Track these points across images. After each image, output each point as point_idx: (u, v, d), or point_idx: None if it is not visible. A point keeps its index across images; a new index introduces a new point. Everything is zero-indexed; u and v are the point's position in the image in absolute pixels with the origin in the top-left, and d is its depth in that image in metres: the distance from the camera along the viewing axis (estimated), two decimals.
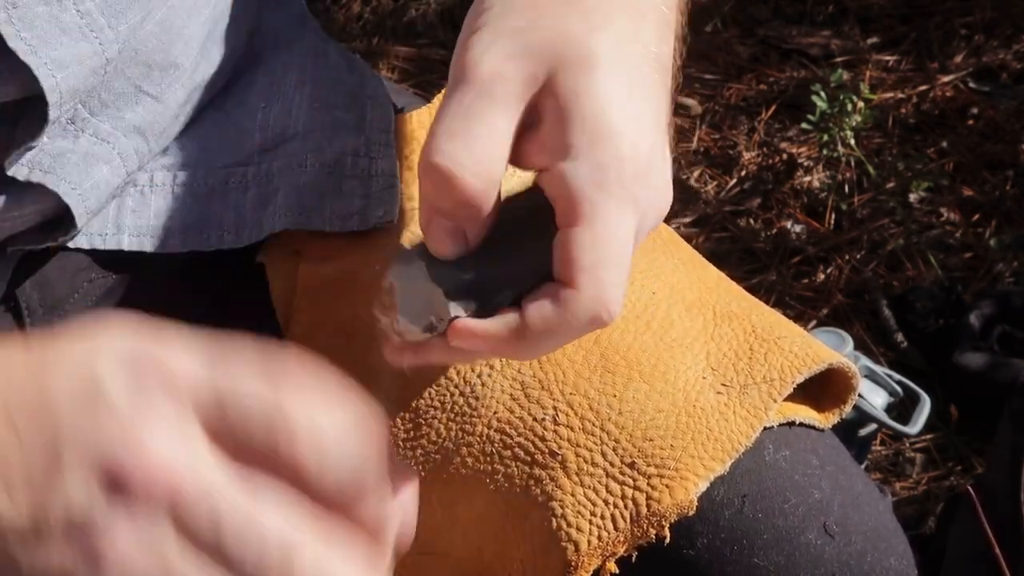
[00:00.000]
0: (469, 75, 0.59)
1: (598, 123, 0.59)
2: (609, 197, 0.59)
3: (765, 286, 1.87)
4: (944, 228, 1.92)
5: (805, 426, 0.74)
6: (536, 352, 0.63)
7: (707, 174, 2.06)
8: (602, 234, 0.59)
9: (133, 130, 0.78)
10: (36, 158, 0.74)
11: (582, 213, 0.58)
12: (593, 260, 0.58)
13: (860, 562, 0.71)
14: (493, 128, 0.59)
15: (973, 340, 1.68)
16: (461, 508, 0.72)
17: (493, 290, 0.62)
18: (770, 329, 0.75)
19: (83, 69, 0.72)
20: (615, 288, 0.59)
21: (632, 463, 0.69)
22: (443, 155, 0.58)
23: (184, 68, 0.80)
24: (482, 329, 0.60)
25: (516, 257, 0.62)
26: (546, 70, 0.59)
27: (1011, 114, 2.07)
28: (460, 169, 0.58)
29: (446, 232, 0.61)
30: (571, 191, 0.59)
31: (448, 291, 0.61)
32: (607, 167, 0.59)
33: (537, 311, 0.59)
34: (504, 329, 0.60)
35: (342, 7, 2.38)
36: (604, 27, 0.61)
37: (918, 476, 1.66)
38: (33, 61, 0.69)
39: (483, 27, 0.61)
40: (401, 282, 0.63)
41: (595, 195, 0.58)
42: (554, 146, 0.59)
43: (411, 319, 0.62)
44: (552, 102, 0.59)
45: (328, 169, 0.83)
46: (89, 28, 0.72)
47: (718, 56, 2.23)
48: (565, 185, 0.59)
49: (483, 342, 0.61)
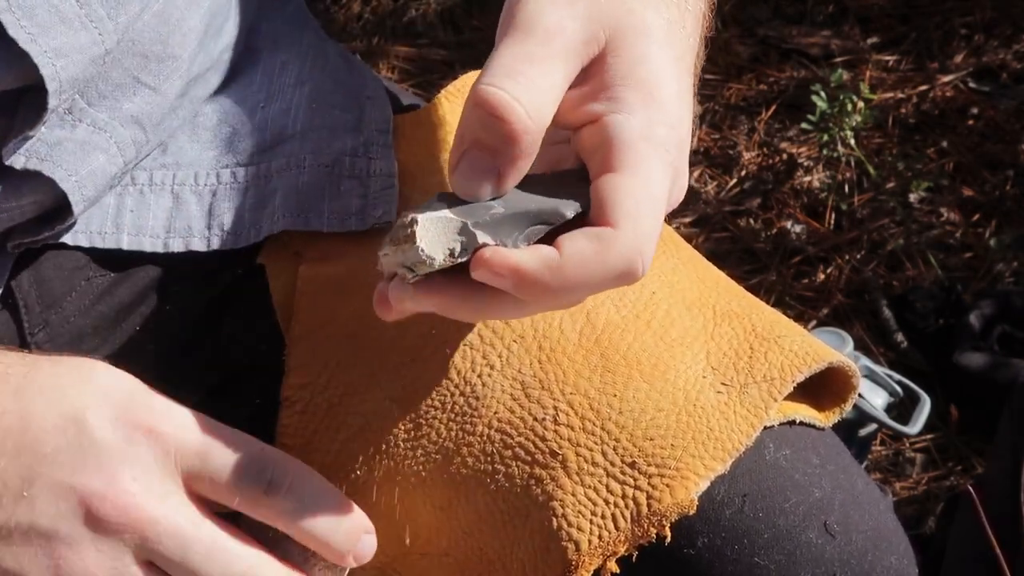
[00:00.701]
0: (531, 25, 0.59)
1: (653, 88, 0.60)
2: (655, 152, 0.59)
3: (765, 286, 1.87)
4: (944, 228, 1.92)
5: (806, 425, 0.74)
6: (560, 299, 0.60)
7: (707, 174, 2.06)
8: (645, 185, 0.58)
9: (130, 120, 0.78)
10: (33, 147, 0.74)
11: (629, 161, 0.58)
12: (635, 206, 0.58)
13: (861, 561, 0.71)
14: (551, 77, 0.59)
15: (973, 340, 1.68)
16: (461, 508, 0.72)
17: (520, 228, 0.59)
18: (770, 328, 0.75)
19: (83, 58, 0.72)
20: (651, 241, 0.58)
21: (633, 462, 0.69)
22: (500, 89, 0.58)
23: (182, 60, 0.80)
24: (514, 259, 0.57)
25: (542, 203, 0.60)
26: (606, 35, 0.60)
27: (1011, 114, 2.07)
28: (516, 104, 0.58)
29: (482, 169, 0.59)
30: (622, 138, 0.58)
31: (474, 223, 0.58)
32: (657, 126, 0.59)
33: (574, 246, 0.57)
34: (537, 261, 0.57)
35: (342, 7, 2.38)
36: (658, 8, 0.63)
37: (918, 476, 1.66)
38: (33, 49, 0.70)
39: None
40: (422, 214, 0.59)
41: (644, 147, 0.59)
42: (608, 99, 0.59)
43: (431, 247, 0.58)
44: (612, 60, 0.60)
45: (327, 169, 0.83)
46: (88, 18, 0.72)
47: (718, 56, 2.23)
48: (617, 133, 0.59)
49: (512, 274, 0.57)
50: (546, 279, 0.57)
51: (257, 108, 0.85)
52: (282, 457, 0.68)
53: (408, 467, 0.74)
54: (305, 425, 0.78)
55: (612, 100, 0.60)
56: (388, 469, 0.74)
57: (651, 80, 0.60)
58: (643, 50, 0.61)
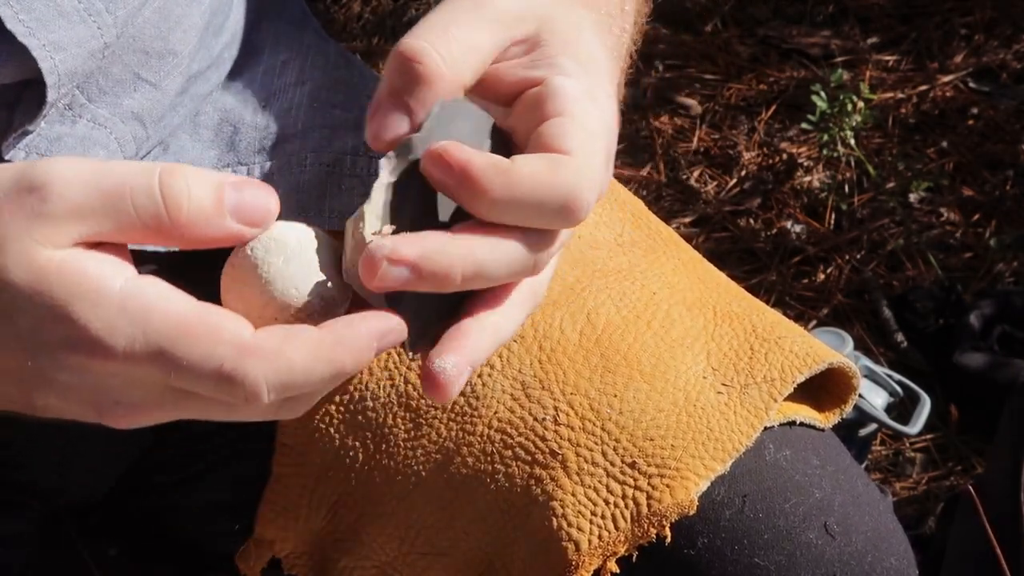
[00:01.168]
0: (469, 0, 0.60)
1: (591, 62, 0.61)
2: (596, 110, 0.59)
3: (765, 286, 1.87)
4: (944, 228, 1.92)
5: (806, 426, 0.74)
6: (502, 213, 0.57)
7: (707, 174, 2.06)
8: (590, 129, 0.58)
9: (131, 116, 0.78)
10: (33, 142, 0.74)
11: (575, 110, 0.58)
12: (583, 141, 0.57)
13: (860, 562, 0.71)
14: (474, 37, 0.60)
15: (973, 340, 1.68)
16: (462, 508, 0.72)
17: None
18: (771, 329, 0.75)
19: (81, 52, 0.72)
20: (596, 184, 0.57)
21: (633, 463, 0.69)
22: (417, 40, 0.58)
23: (182, 56, 0.80)
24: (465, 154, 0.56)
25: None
26: (539, 19, 0.61)
27: (1011, 114, 2.07)
28: (431, 50, 0.58)
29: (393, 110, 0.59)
30: (566, 92, 0.58)
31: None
32: (598, 89, 0.60)
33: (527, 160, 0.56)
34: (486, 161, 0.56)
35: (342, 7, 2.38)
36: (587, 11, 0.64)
37: (918, 476, 1.66)
38: (31, 43, 0.70)
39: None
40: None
41: (587, 103, 0.59)
42: (550, 66, 0.60)
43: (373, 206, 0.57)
44: (549, 38, 0.61)
45: (328, 168, 0.83)
46: (87, 12, 0.72)
47: (718, 56, 2.22)
48: (560, 88, 0.58)
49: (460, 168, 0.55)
50: (493, 183, 0.55)
51: (258, 107, 0.85)
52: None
53: (408, 467, 0.74)
54: (305, 425, 0.78)
55: (553, 66, 0.60)
56: (388, 469, 0.74)
57: (589, 55, 0.61)
58: (577, 34, 0.62)
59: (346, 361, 0.53)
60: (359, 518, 0.76)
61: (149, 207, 0.54)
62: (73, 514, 0.90)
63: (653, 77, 2.21)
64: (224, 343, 0.53)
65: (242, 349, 0.53)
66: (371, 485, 0.75)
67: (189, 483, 0.87)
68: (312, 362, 0.53)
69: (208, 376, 0.53)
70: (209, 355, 0.52)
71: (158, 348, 0.53)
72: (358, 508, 0.76)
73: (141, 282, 0.54)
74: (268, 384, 0.53)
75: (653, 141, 2.08)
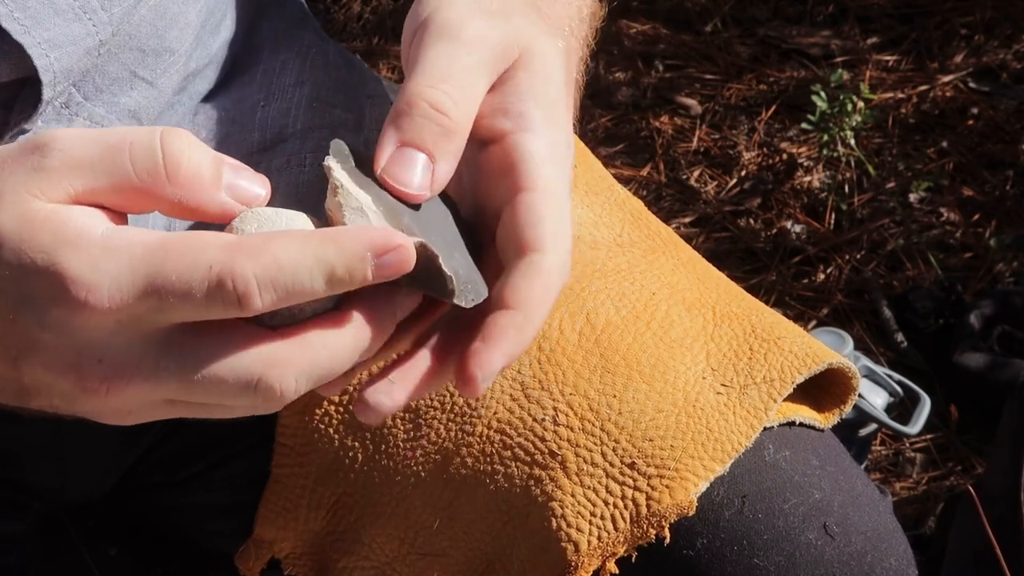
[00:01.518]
0: (454, 33, 0.62)
1: (555, 108, 0.63)
2: (559, 171, 0.61)
3: (765, 286, 1.87)
4: (944, 228, 1.92)
5: (805, 426, 0.74)
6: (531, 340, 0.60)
7: (707, 174, 2.06)
8: (558, 203, 0.61)
9: (127, 114, 0.78)
10: None
11: (540, 182, 0.60)
12: (556, 228, 0.60)
13: (860, 562, 0.71)
14: (477, 85, 0.61)
15: (973, 340, 1.68)
16: (461, 508, 0.72)
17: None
18: (770, 329, 0.75)
19: (77, 50, 0.72)
20: (567, 265, 0.60)
21: (632, 463, 0.69)
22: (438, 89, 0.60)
23: (179, 54, 0.80)
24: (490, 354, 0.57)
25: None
26: (518, 50, 0.63)
27: (1011, 114, 2.07)
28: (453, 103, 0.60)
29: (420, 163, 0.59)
30: (534, 159, 0.61)
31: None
32: (559, 146, 0.62)
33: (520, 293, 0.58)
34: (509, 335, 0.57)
35: (342, 7, 2.38)
36: (557, 36, 0.66)
37: (918, 476, 1.66)
38: (26, 40, 0.70)
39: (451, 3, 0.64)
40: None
41: (551, 168, 0.61)
42: (517, 116, 0.62)
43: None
44: (523, 76, 0.63)
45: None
46: (82, 9, 0.72)
47: (718, 56, 2.23)
48: (528, 153, 0.61)
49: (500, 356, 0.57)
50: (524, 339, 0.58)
51: (257, 107, 0.85)
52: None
53: (408, 467, 0.74)
54: (304, 425, 0.78)
55: (520, 116, 0.62)
56: (388, 469, 0.74)
57: (554, 100, 0.63)
58: (550, 71, 0.64)
59: (336, 263, 0.52)
60: (359, 518, 0.76)
61: (147, 162, 0.53)
62: (73, 514, 0.90)
63: (653, 77, 2.21)
64: (210, 247, 0.51)
65: (228, 247, 0.51)
66: (371, 485, 0.75)
67: (189, 483, 0.87)
68: (299, 256, 0.51)
69: (198, 285, 0.51)
70: (196, 262, 0.51)
71: (144, 277, 0.51)
72: (358, 508, 0.76)
73: (124, 227, 0.54)
74: (259, 280, 0.51)
75: (653, 141, 2.08)
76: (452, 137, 0.60)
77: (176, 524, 0.90)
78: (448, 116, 0.59)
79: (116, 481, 0.87)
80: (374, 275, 0.52)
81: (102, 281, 0.51)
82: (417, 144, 0.59)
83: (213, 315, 0.52)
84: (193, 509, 0.88)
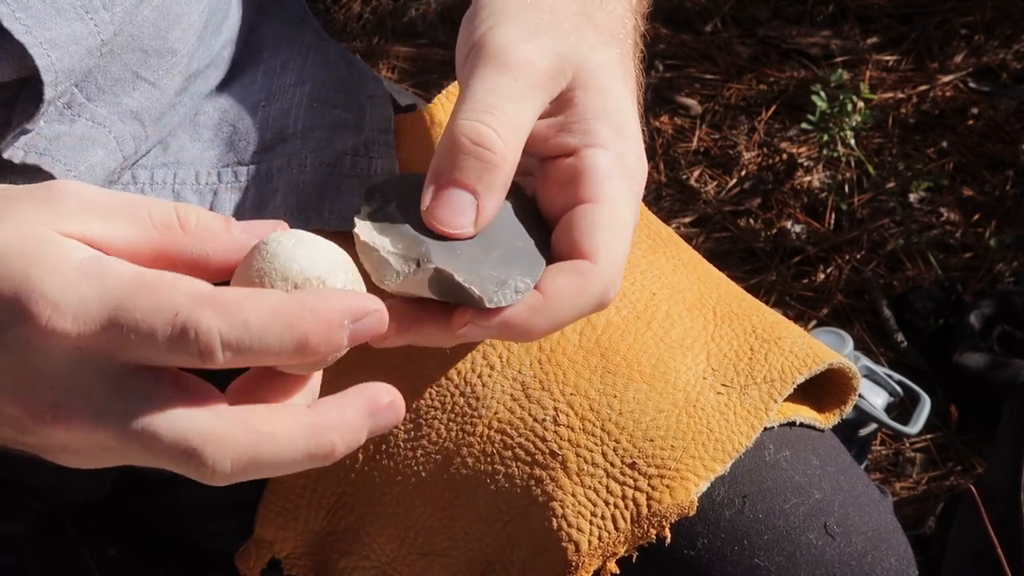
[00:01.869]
0: (502, 59, 0.61)
1: (621, 121, 0.62)
2: (625, 184, 0.61)
3: (765, 286, 1.87)
4: (944, 228, 1.92)
5: (806, 426, 0.74)
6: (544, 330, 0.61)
7: (707, 174, 2.06)
8: (618, 215, 0.60)
9: (130, 115, 0.78)
10: (32, 141, 0.74)
11: (604, 193, 0.60)
12: (611, 239, 0.60)
13: (861, 562, 0.71)
14: (524, 112, 0.61)
15: (973, 340, 1.68)
16: (462, 508, 0.72)
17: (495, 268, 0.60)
18: (770, 329, 0.75)
19: (79, 49, 0.72)
20: (622, 270, 0.60)
21: (632, 463, 0.69)
22: (480, 122, 0.59)
23: (181, 55, 0.80)
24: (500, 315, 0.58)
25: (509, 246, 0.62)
26: (572, 70, 0.62)
27: (1011, 114, 2.06)
28: (496, 136, 0.59)
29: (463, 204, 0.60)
30: (598, 170, 0.60)
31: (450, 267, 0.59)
32: (628, 157, 0.62)
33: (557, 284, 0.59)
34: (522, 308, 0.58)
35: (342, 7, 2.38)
36: (611, 45, 0.65)
37: (918, 476, 1.66)
38: (28, 40, 0.70)
39: (503, 19, 0.63)
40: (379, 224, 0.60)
41: (617, 180, 0.61)
42: (583, 132, 0.61)
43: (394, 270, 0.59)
44: (581, 95, 0.62)
45: (327, 168, 0.83)
46: (84, 9, 0.72)
47: (718, 56, 2.23)
48: (593, 165, 0.61)
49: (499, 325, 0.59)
50: (534, 323, 0.59)
51: (258, 107, 0.85)
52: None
53: (408, 467, 0.74)
54: None
55: (586, 133, 0.62)
56: (388, 469, 0.74)
57: (618, 113, 0.63)
58: (608, 85, 0.63)
59: (310, 332, 0.50)
60: (359, 518, 0.76)
61: (163, 213, 0.54)
62: (73, 514, 0.90)
63: (653, 77, 2.21)
64: (180, 293, 0.50)
65: (199, 297, 0.50)
66: (371, 485, 0.75)
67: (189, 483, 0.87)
68: (271, 321, 0.50)
69: (161, 329, 0.49)
70: (163, 305, 0.50)
71: (110, 307, 0.50)
72: (358, 508, 0.76)
73: (106, 256, 0.53)
74: (223, 337, 0.50)
75: (653, 141, 2.08)
76: (496, 171, 0.59)
77: (176, 524, 0.90)
78: (492, 150, 0.59)
79: (116, 481, 0.87)
80: (349, 341, 0.52)
81: (68, 303, 0.50)
82: (461, 183, 0.59)
83: (174, 361, 0.51)
84: (193, 509, 0.88)
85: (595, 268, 0.59)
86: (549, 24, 0.63)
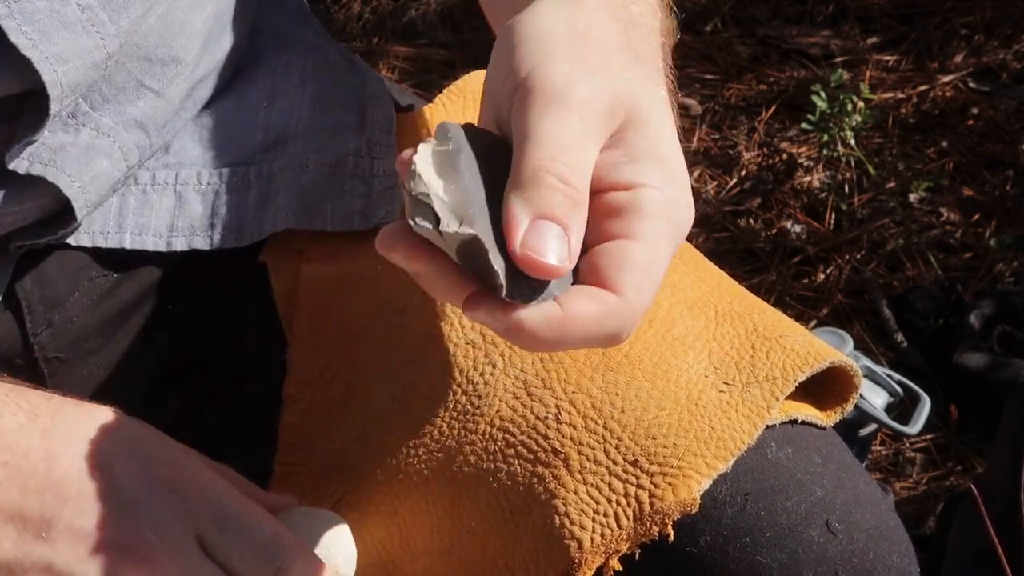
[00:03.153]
0: (563, 96, 0.60)
1: (673, 166, 0.62)
2: (669, 228, 0.60)
3: (765, 286, 1.87)
4: (944, 228, 1.92)
5: (807, 424, 0.74)
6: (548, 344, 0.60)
7: (707, 174, 2.06)
8: (654, 261, 0.60)
9: (134, 124, 0.78)
10: (36, 152, 0.74)
11: (648, 234, 0.59)
12: (642, 280, 0.59)
13: (863, 559, 0.71)
14: (591, 151, 0.61)
15: (973, 340, 1.68)
16: (464, 506, 0.72)
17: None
18: (772, 327, 0.75)
19: (84, 63, 0.72)
20: (642, 313, 0.60)
21: (635, 461, 0.69)
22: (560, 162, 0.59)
23: (186, 63, 0.80)
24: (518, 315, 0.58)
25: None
26: (625, 110, 0.62)
27: (1011, 114, 2.07)
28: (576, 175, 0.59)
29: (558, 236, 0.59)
30: (650, 210, 0.60)
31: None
32: (680, 206, 0.61)
33: (578, 307, 0.58)
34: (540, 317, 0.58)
35: (342, 7, 2.38)
36: (660, 84, 0.65)
37: (918, 476, 1.66)
38: (34, 55, 0.70)
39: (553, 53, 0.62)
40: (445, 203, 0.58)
41: (664, 225, 0.60)
42: (636, 172, 0.61)
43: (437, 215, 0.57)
44: (634, 135, 0.62)
45: (330, 169, 0.83)
46: (90, 22, 0.72)
47: (718, 56, 2.23)
48: (646, 204, 0.60)
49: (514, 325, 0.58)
50: (543, 334, 0.58)
51: (260, 108, 0.85)
52: (293, 544, 0.69)
53: (410, 465, 0.74)
54: (307, 424, 0.78)
55: (639, 173, 0.61)
56: (390, 467, 0.74)
57: (670, 157, 0.62)
58: (658, 127, 0.62)
59: None
60: (361, 516, 0.76)
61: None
62: None
63: None
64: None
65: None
66: (373, 483, 0.75)
67: None
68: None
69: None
70: None
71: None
72: (359, 508, 0.76)
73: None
74: None
75: None
76: (579, 208, 0.59)
77: None
78: (575, 188, 0.59)
79: None
80: None
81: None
82: (550, 216, 0.58)
83: None
84: None
85: (619, 303, 0.58)
86: (601, 61, 0.63)
